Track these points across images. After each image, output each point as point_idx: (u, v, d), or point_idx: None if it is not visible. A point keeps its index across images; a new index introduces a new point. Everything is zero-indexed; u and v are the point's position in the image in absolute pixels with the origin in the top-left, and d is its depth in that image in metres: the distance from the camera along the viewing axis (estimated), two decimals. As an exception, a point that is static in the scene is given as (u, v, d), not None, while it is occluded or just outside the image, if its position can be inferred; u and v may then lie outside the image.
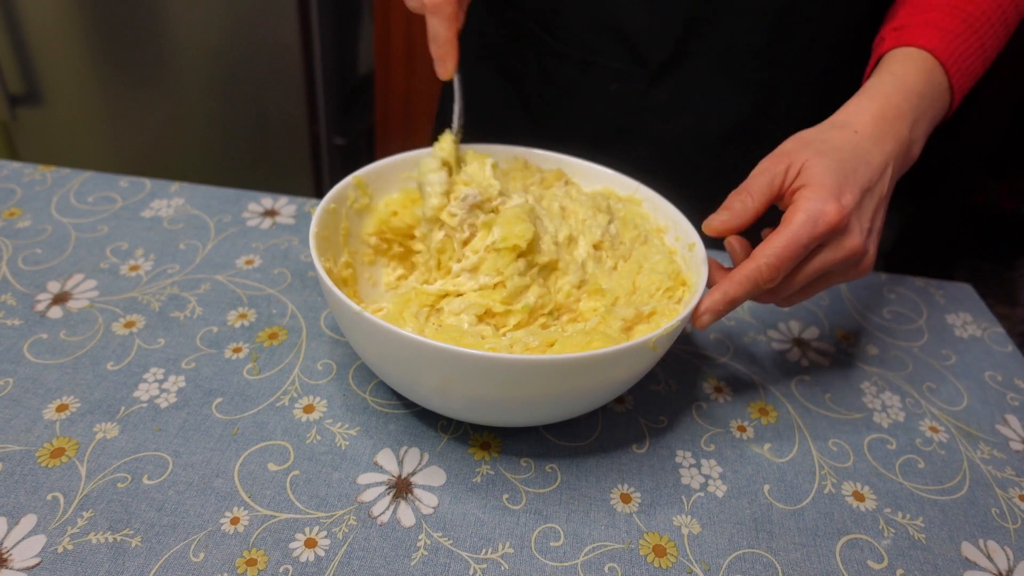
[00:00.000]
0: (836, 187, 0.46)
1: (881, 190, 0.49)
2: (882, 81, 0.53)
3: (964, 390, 0.61)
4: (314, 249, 0.48)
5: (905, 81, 0.52)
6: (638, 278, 0.54)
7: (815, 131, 0.51)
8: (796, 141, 0.50)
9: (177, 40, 1.40)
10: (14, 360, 0.53)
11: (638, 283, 0.54)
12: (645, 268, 0.54)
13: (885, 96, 0.51)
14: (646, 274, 0.54)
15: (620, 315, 0.49)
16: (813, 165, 0.47)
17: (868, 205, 0.48)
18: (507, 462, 0.50)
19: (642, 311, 0.50)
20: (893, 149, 0.50)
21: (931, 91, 0.53)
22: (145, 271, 0.62)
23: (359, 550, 0.44)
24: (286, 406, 0.52)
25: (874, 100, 0.51)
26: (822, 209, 0.45)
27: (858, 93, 0.53)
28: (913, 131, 0.51)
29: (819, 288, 0.50)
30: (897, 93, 0.51)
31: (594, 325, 0.49)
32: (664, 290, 0.53)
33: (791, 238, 0.45)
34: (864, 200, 0.48)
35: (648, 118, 0.70)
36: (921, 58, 0.53)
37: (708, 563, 0.45)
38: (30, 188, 0.71)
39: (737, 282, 0.46)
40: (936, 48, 0.53)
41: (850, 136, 0.49)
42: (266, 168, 1.57)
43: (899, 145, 0.50)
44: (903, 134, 0.50)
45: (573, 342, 0.47)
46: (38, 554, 0.41)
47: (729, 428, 0.55)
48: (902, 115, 0.51)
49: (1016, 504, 0.52)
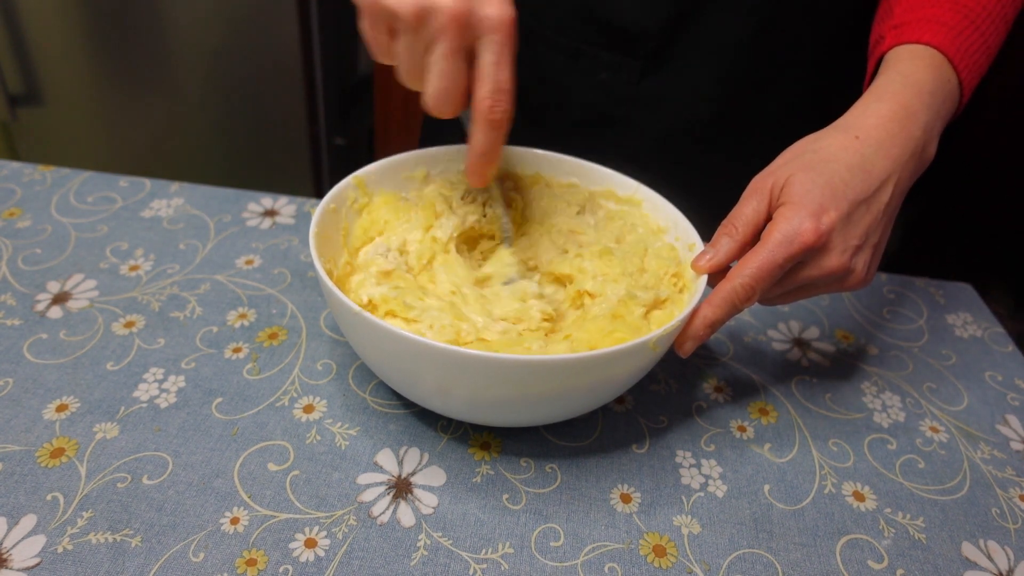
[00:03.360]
0: (817, 205, 0.45)
1: (881, 200, 0.47)
2: (890, 80, 0.50)
3: (964, 390, 0.61)
4: (314, 249, 0.48)
5: (914, 79, 0.50)
6: (645, 259, 0.55)
7: (813, 138, 0.49)
8: (790, 152, 0.49)
9: (177, 40, 1.40)
10: (14, 360, 0.53)
11: (646, 264, 0.55)
12: (650, 252, 0.56)
13: (894, 96, 0.49)
14: (652, 257, 0.55)
15: (641, 300, 0.50)
16: (796, 182, 0.46)
17: (860, 219, 0.46)
18: (507, 462, 0.50)
19: (659, 296, 0.52)
20: (900, 154, 0.48)
21: (941, 88, 0.51)
22: (145, 271, 0.62)
23: (359, 550, 0.44)
24: (286, 406, 0.52)
25: (883, 101, 0.49)
26: (798, 230, 0.45)
27: (866, 94, 0.51)
28: (927, 131, 0.49)
29: (802, 296, 0.50)
30: (907, 92, 0.49)
31: (615, 309, 0.50)
32: (671, 275, 0.54)
33: (766, 258, 0.45)
34: (854, 214, 0.46)
35: (639, 108, 0.70)
36: (928, 54, 0.51)
37: (708, 563, 0.45)
38: (30, 188, 0.71)
39: (716, 305, 0.46)
40: (942, 44, 0.51)
41: (850, 143, 0.48)
42: (266, 168, 1.57)
43: (909, 149, 0.48)
44: (915, 135, 0.48)
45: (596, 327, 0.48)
46: (38, 554, 0.41)
47: (729, 428, 0.55)
48: (913, 115, 0.49)
49: (1016, 504, 0.52)
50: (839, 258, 0.46)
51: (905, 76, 0.50)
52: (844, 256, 0.46)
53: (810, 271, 0.47)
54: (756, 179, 0.49)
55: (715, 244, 0.48)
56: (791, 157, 0.49)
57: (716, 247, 0.48)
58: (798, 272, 0.47)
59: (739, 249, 0.48)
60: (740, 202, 0.49)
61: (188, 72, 1.44)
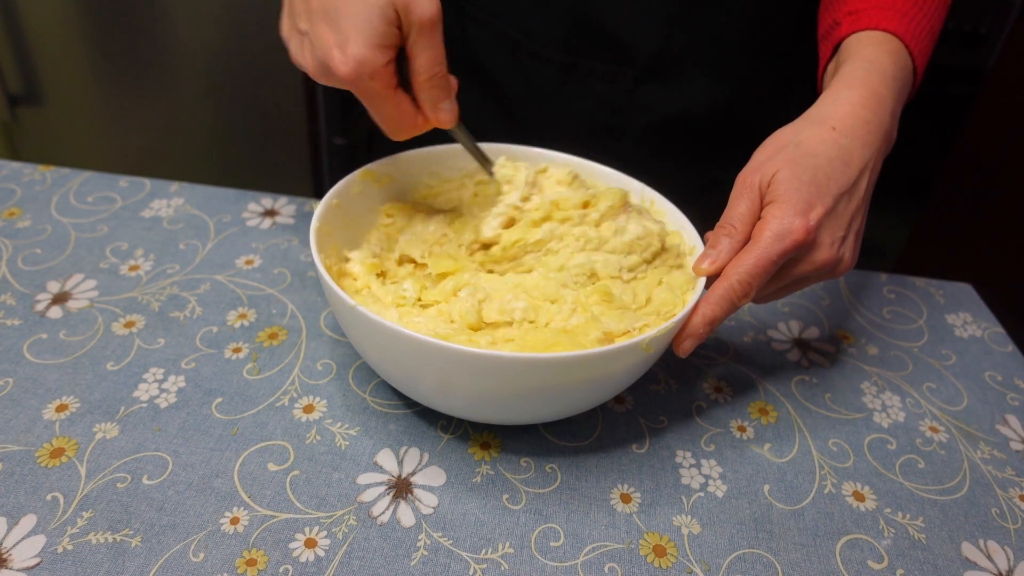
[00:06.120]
0: (805, 202, 0.46)
1: (860, 188, 0.49)
2: (856, 67, 0.52)
3: (964, 390, 0.61)
4: (314, 245, 0.48)
5: (878, 65, 0.52)
6: (655, 291, 0.52)
7: (791, 130, 0.50)
8: (770, 146, 0.50)
9: (177, 40, 1.40)
10: (14, 360, 0.53)
11: (653, 297, 0.52)
12: (665, 283, 0.52)
13: (862, 83, 0.51)
14: (663, 290, 0.52)
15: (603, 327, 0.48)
16: (782, 179, 0.47)
17: (844, 211, 0.48)
18: (507, 462, 0.50)
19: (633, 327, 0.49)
20: (874, 141, 0.49)
21: (901, 72, 0.53)
22: (145, 271, 0.62)
23: (359, 550, 0.44)
24: (286, 406, 0.52)
25: (853, 89, 0.51)
26: (789, 227, 0.46)
27: (835, 81, 0.52)
28: (893, 115, 0.51)
29: (795, 290, 0.51)
30: (873, 78, 0.51)
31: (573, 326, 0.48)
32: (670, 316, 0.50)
33: (760, 255, 0.46)
34: (838, 206, 0.48)
35: (633, 114, 0.70)
36: (887, 40, 0.53)
37: (708, 563, 0.45)
38: (30, 188, 0.71)
39: (713, 303, 0.46)
40: (898, 29, 0.53)
41: (828, 135, 0.49)
42: (266, 168, 1.56)
43: (881, 134, 0.50)
44: (885, 120, 0.50)
45: (534, 339, 0.47)
46: (38, 554, 0.41)
47: (729, 428, 0.55)
48: (882, 101, 0.50)
49: (1016, 504, 0.52)
50: (828, 251, 0.48)
51: (870, 63, 0.52)
52: (832, 249, 0.48)
53: (802, 266, 0.48)
54: (742, 175, 0.50)
55: (715, 245, 0.49)
56: (774, 152, 0.49)
57: (717, 248, 0.48)
58: (790, 268, 0.48)
59: (740, 247, 0.48)
60: (732, 201, 0.49)
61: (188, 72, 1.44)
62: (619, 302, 0.50)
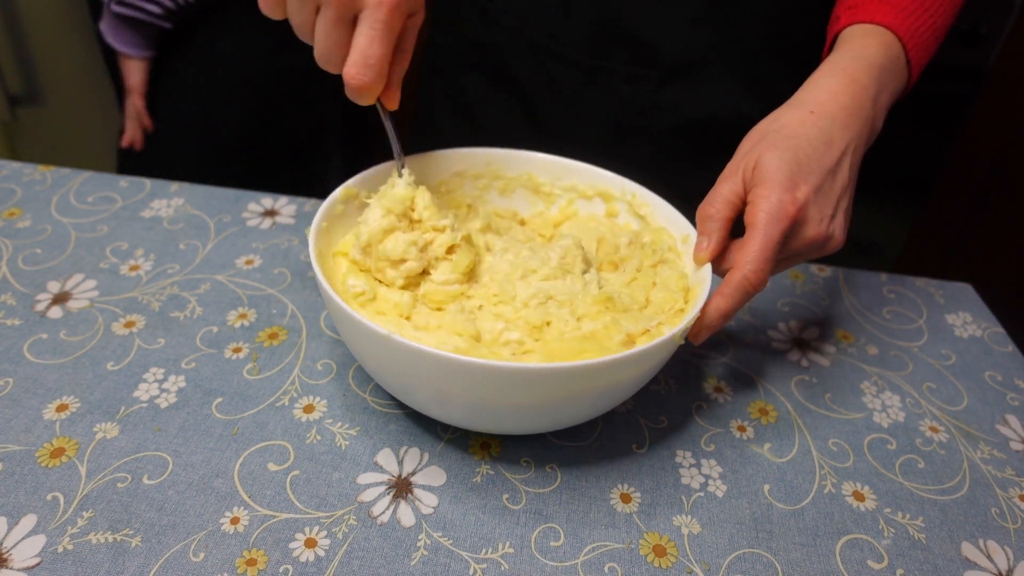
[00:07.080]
0: (789, 180, 0.47)
1: (844, 169, 0.49)
2: (840, 56, 0.53)
3: (964, 390, 0.61)
4: (312, 249, 0.48)
5: (864, 55, 0.53)
6: (652, 293, 0.53)
7: (771, 119, 0.51)
8: (752, 136, 0.51)
9: (177, 40, 1.40)
10: (14, 360, 0.53)
11: (651, 298, 0.53)
12: (659, 284, 0.54)
13: (843, 70, 0.52)
14: (659, 290, 0.53)
15: (625, 328, 0.48)
16: (765, 161, 0.48)
17: (830, 189, 0.49)
18: (507, 462, 0.50)
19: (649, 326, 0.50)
20: (854, 124, 0.50)
21: (891, 64, 0.53)
22: (145, 271, 0.62)
23: (359, 550, 0.44)
24: (286, 406, 0.52)
25: (834, 76, 0.51)
26: (779, 205, 0.46)
27: (818, 70, 0.53)
28: (876, 103, 0.52)
29: (788, 266, 0.52)
30: (855, 66, 0.52)
31: (594, 331, 0.49)
32: (676, 312, 0.51)
33: (763, 240, 0.46)
34: (824, 184, 0.48)
35: (657, 115, 0.70)
36: (878, 33, 0.54)
37: (708, 563, 0.45)
38: (30, 188, 0.71)
39: (728, 295, 0.47)
40: (892, 23, 0.54)
41: (806, 117, 0.50)
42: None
43: (861, 118, 0.50)
44: (865, 106, 0.51)
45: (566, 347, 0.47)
46: (38, 554, 0.41)
47: (729, 428, 0.55)
48: (863, 88, 0.51)
49: (1016, 504, 0.52)
50: (818, 227, 0.48)
51: (855, 51, 0.53)
52: (822, 225, 0.48)
53: (794, 243, 0.49)
54: (726, 168, 0.51)
55: (704, 231, 0.50)
56: (756, 140, 0.50)
57: (708, 234, 0.50)
58: (784, 246, 0.49)
59: (726, 232, 0.50)
60: (715, 187, 0.50)
61: (188, 72, 1.44)
62: (622, 305, 0.51)
